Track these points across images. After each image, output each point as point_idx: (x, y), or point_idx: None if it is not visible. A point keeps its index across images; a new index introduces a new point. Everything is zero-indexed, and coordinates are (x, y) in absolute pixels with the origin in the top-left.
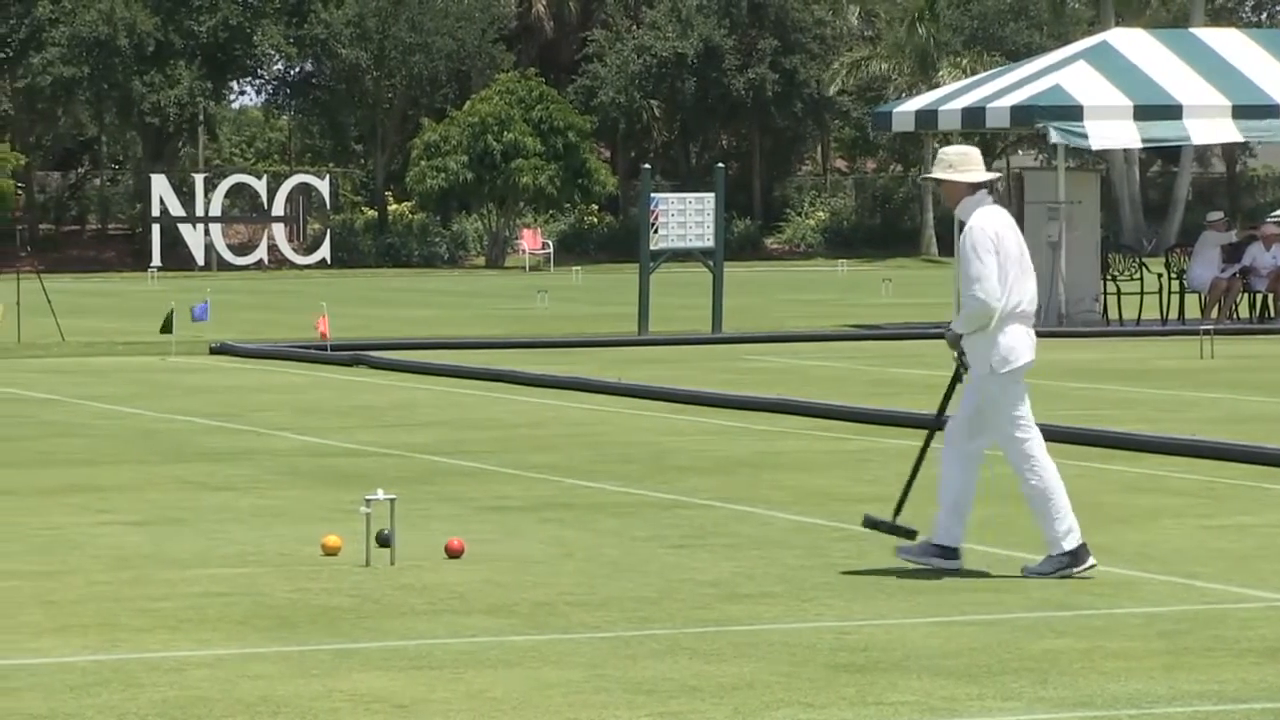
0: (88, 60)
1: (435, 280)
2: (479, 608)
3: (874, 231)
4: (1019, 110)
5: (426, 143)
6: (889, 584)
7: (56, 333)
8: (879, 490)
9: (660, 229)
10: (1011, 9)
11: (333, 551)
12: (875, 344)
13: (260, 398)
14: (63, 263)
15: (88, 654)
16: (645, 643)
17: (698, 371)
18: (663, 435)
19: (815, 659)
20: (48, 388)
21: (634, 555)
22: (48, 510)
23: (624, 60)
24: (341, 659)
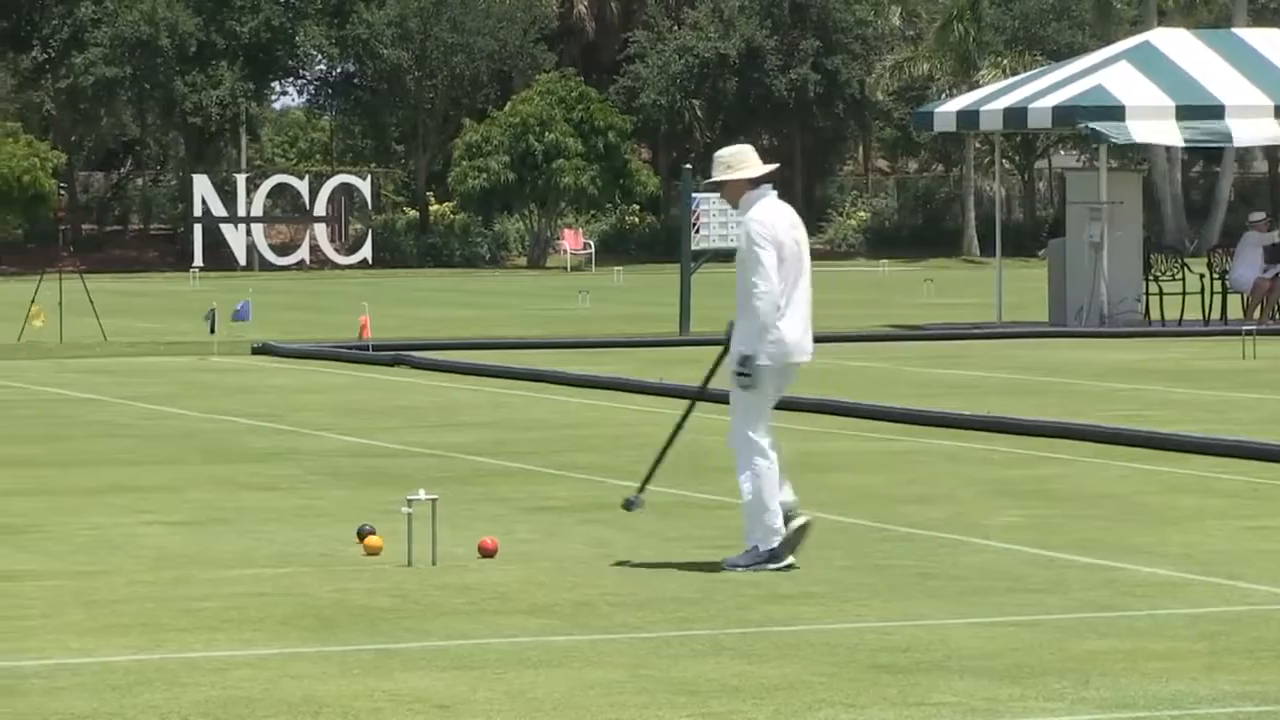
0: (130, 60)
1: (477, 280)
2: (521, 608)
3: (915, 232)
4: (1061, 110)
5: (468, 143)
6: (931, 584)
7: (99, 333)
8: (921, 490)
9: (702, 229)
10: (1053, 9)
11: (374, 551)
12: (917, 344)
13: (302, 398)
14: (105, 263)
15: (130, 654)
16: (687, 643)
17: None
18: (704, 435)
19: (857, 659)
20: (90, 388)
21: (676, 555)
22: (90, 510)
23: (665, 61)
24: (383, 659)
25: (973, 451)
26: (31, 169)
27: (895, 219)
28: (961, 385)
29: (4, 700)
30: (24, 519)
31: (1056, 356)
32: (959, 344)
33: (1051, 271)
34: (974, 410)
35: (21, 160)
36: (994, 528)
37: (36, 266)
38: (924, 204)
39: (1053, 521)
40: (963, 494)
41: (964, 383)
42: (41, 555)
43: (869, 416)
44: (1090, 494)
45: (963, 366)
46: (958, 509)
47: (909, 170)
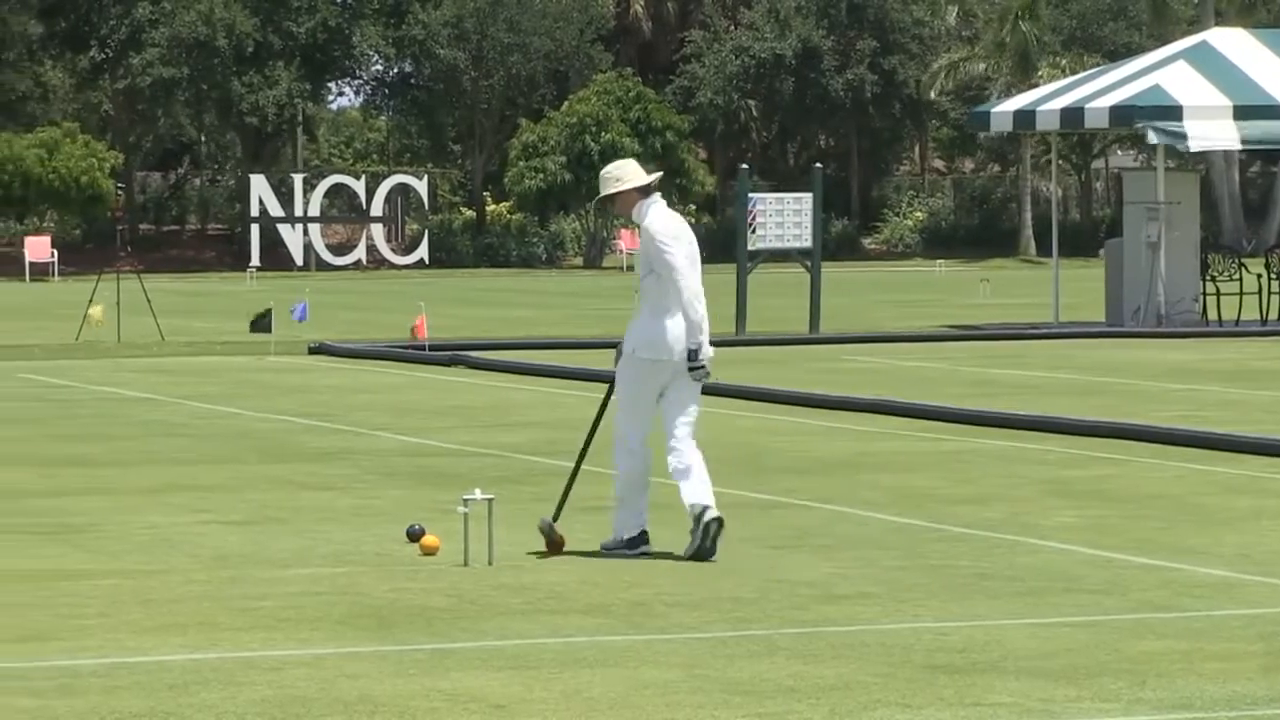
0: (187, 61)
1: (533, 280)
2: (576, 607)
3: (972, 232)
4: (1118, 110)
5: (524, 143)
6: (987, 585)
7: (156, 332)
8: (977, 490)
9: (758, 229)
10: (1110, 9)
11: (431, 551)
12: (973, 344)
13: (358, 398)
14: (163, 263)
15: (187, 653)
16: (742, 643)
17: (795, 372)
18: (760, 435)
19: (912, 660)
20: (147, 387)
21: (731, 555)
22: (147, 510)
23: (722, 61)
24: (439, 658)
25: (1028, 452)
26: (89, 169)
27: (951, 219)
28: (1018, 386)
29: (61, 699)
30: (82, 518)
31: (1113, 357)
32: (1015, 344)
33: (1109, 272)
34: (1031, 410)
35: (79, 160)
36: (1050, 528)
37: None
38: (980, 204)
39: (1109, 522)
40: (1018, 494)
41: (1020, 383)
42: (99, 554)
43: (924, 416)
44: (1146, 494)
45: (1019, 367)
46: (1013, 509)
47: (965, 170)
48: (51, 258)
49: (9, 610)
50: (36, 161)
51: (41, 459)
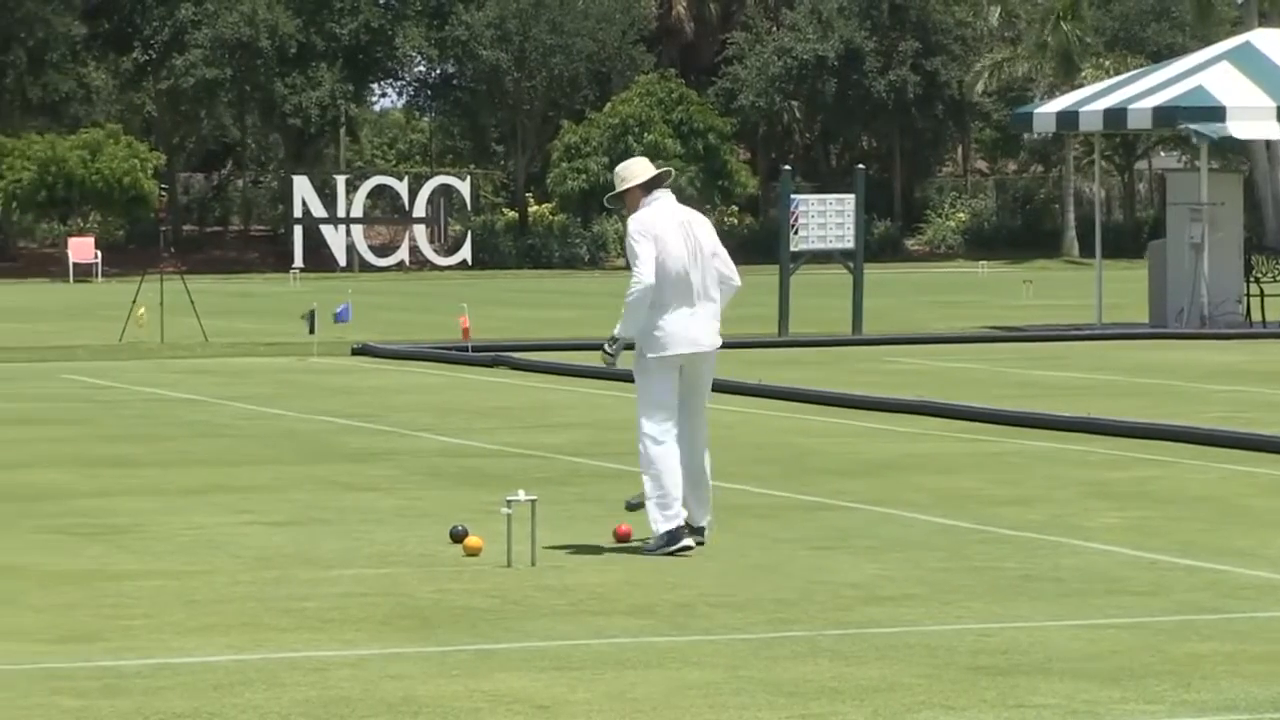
0: (230, 62)
1: (576, 281)
2: (620, 608)
3: (1015, 233)
4: (1161, 111)
5: (567, 144)
6: (1031, 586)
7: (199, 333)
8: (1020, 492)
9: (800, 230)
10: (1154, 10)
11: (474, 552)
12: (1016, 345)
13: (401, 398)
14: (206, 264)
15: (231, 653)
16: (786, 644)
17: (838, 373)
18: (803, 437)
19: (956, 661)
20: (190, 388)
21: (775, 557)
22: (191, 510)
23: (764, 62)
24: (482, 659)
25: (1071, 453)
26: (132, 170)
27: (994, 220)
28: (1061, 387)
29: (106, 699)
30: (126, 518)
31: (1156, 358)
32: (1058, 345)
33: (1152, 273)
34: (1073, 412)
35: (122, 162)
36: (1093, 529)
37: (138, 267)
38: (1023, 205)
39: (1152, 523)
40: (1061, 495)
41: (1063, 384)
42: (143, 555)
43: (967, 418)
44: (1190, 496)
45: (1062, 368)
46: (1057, 511)
47: (1008, 171)
48: (95, 259)
49: (54, 610)
50: (80, 163)
51: (86, 459)
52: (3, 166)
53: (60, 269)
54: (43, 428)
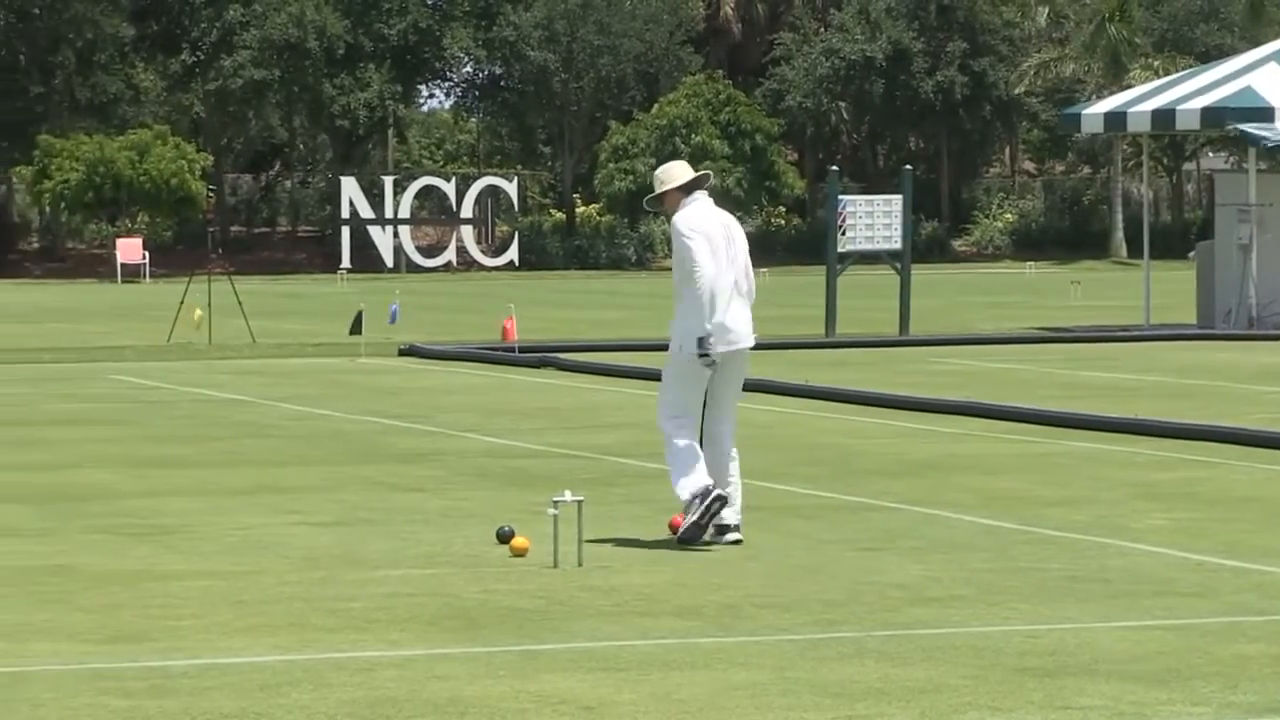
0: (278, 63)
1: (623, 282)
2: (666, 609)
3: (1062, 233)
4: (1209, 112)
5: (614, 145)
6: (1078, 587)
7: (247, 334)
8: (1066, 493)
9: (848, 231)
10: (1202, 10)
11: (520, 553)
12: (1063, 346)
13: (448, 399)
14: (253, 264)
15: (278, 654)
16: (832, 645)
17: (885, 374)
18: (850, 438)
19: (1003, 662)
20: (238, 389)
21: (821, 558)
22: (238, 511)
23: (812, 63)
24: (528, 660)
25: (1117, 454)
26: (179, 171)
27: (1042, 221)
28: (1108, 388)
29: (153, 699)
30: (174, 519)
31: (1204, 359)
32: (1106, 346)
33: (1200, 274)
34: (1120, 413)
35: (170, 163)
36: (1140, 530)
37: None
38: (1071, 206)
39: (1200, 524)
40: (1108, 497)
41: (1110, 385)
42: (191, 555)
43: (1014, 419)
44: (1237, 497)
45: (1110, 369)
46: (1103, 512)
47: (1056, 172)
48: (143, 259)
49: (102, 611)
50: (128, 164)
51: (134, 460)
52: (51, 167)
53: (108, 270)
54: (91, 428)
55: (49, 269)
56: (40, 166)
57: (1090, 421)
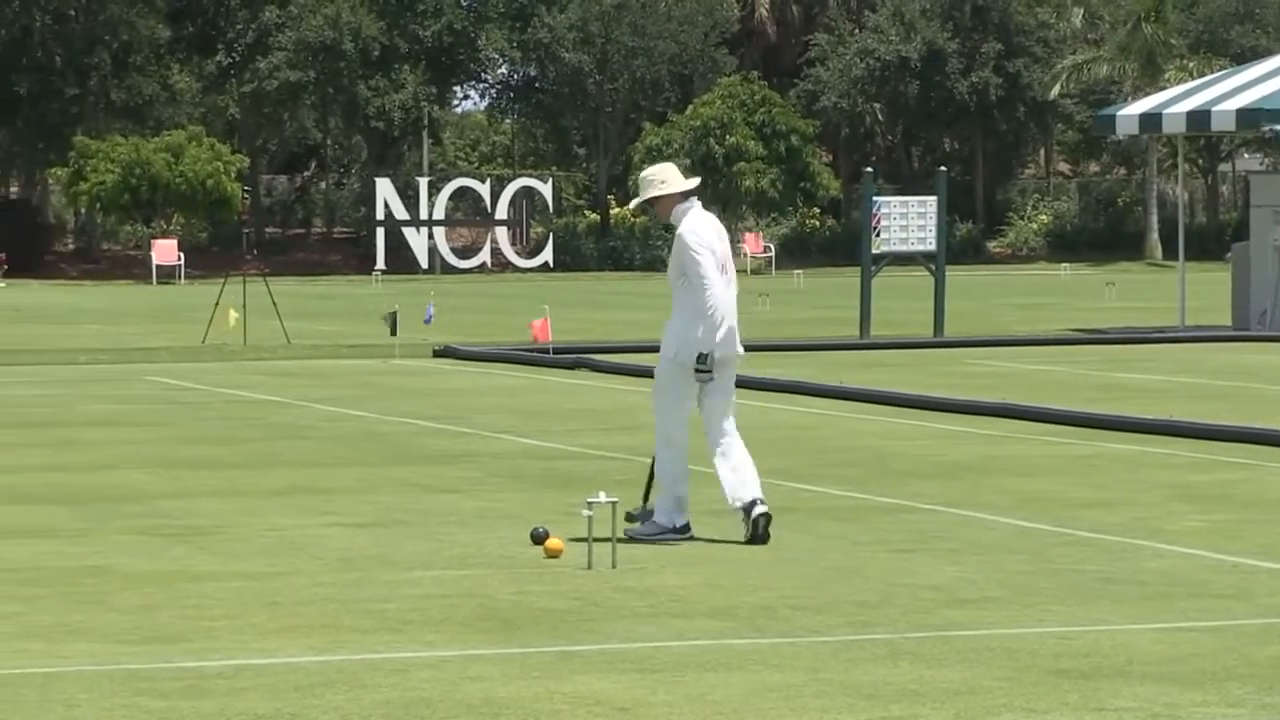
0: (313, 65)
1: (657, 284)
2: (700, 610)
3: (1098, 235)
4: (1245, 113)
5: (648, 146)
6: (1113, 589)
7: (282, 335)
8: (1102, 495)
9: (882, 232)
10: (1238, 12)
11: (555, 554)
12: (1099, 348)
13: (483, 400)
14: (288, 266)
15: (312, 655)
16: (866, 647)
17: (919, 375)
18: (884, 439)
19: (1037, 664)
20: (272, 390)
21: (855, 559)
22: (272, 512)
23: (847, 64)
24: (563, 661)
25: (1153, 456)
26: (215, 173)
27: (1077, 222)
28: (1143, 389)
29: (188, 700)
30: (209, 520)
31: (1239, 360)
32: (1141, 348)
33: (1235, 275)
34: (1155, 414)
35: (205, 164)
36: (1176, 533)
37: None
38: (1106, 207)
39: (1235, 526)
40: (1144, 499)
41: (1145, 387)
42: (225, 556)
43: (1048, 420)
44: (1273, 498)
45: (1145, 371)
46: (1139, 513)
47: (1091, 173)
48: (178, 261)
49: (136, 612)
50: (163, 165)
51: (169, 461)
52: (87, 169)
53: (143, 271)
54: (126, 429)
55: (84, 270)
56: (76, 168)
57: (1126, 423)
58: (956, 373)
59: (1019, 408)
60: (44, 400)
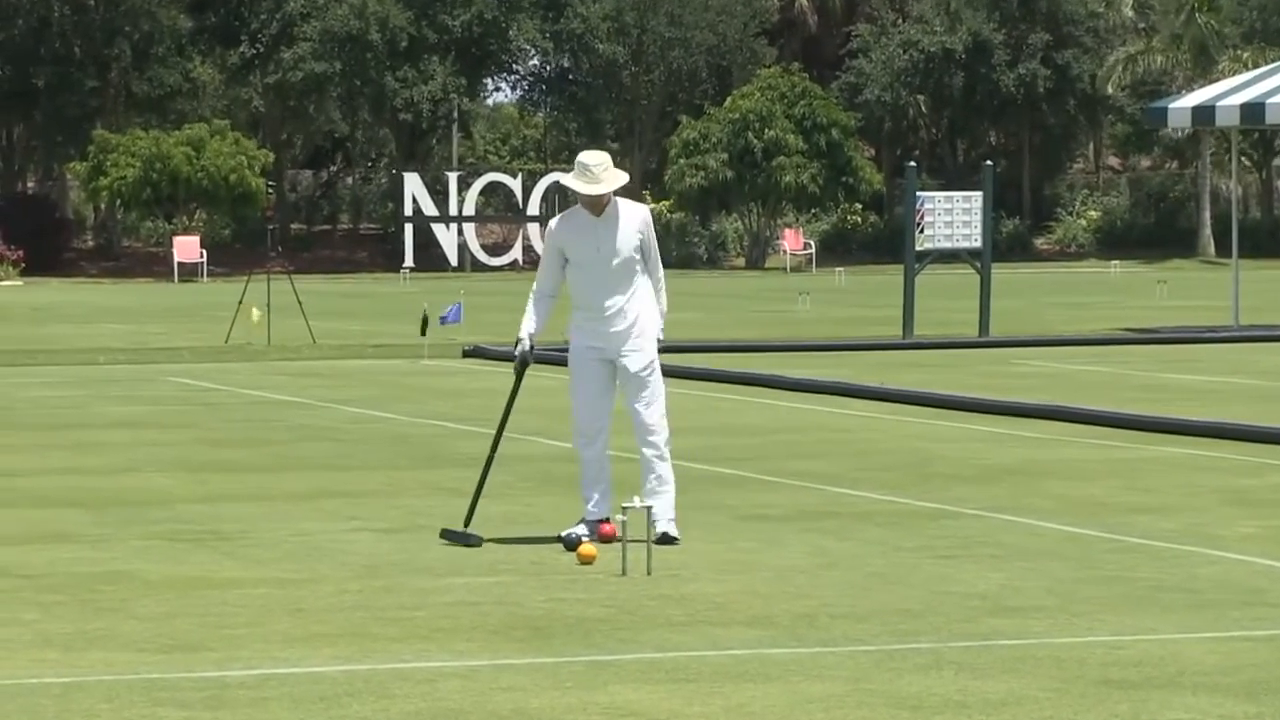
0: (339, 56)
1: (693, 282)
2: (738, 619)
3: (1148, 231)
4: None
5: (685, 140)
6: (1164, 597)
7: (307, 334)
8: (1153, 499)
9: (926, 229)
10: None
11: (588, 560)
12: (1149, 348)
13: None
14: (314, 263)
15: (338, 664)
16: (909, 656)
17: (964, 376)
18: (928, 442)
19: (1086, 675)
20: (297, 391)
21: (898, 566)
22: (297, 516)
23: (889, 55)
24: (596, 671)
25: (1205, 459)
26: (239, 167)
27: (1127, 218)
28: (1195, 391)
29: (210, 711)
30: (231, 524)
31: None
32: (1193, 348)
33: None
34: (1209, 417)
35: (228, 159)
36: (1229, 539)
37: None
38: (1157, 203)
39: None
40: (1196, 503)
41: (1197, 388)
42: (248, 562)
43: (1097, 423)
44: None
45: (1196, 371)
46: (1191, 519)
47: (1142, 168)
48: (200, 258)
49: (157, 619)
50: (185, 160)
51: (191, 464)
52: (107, 164)
53: (165, 268)
54: (147, 431)
55: (104, 268)
56: (95, 163)
57: (1177, 426)
58: (1002, 373)
59: (1066, 410)
60: (63, 402)
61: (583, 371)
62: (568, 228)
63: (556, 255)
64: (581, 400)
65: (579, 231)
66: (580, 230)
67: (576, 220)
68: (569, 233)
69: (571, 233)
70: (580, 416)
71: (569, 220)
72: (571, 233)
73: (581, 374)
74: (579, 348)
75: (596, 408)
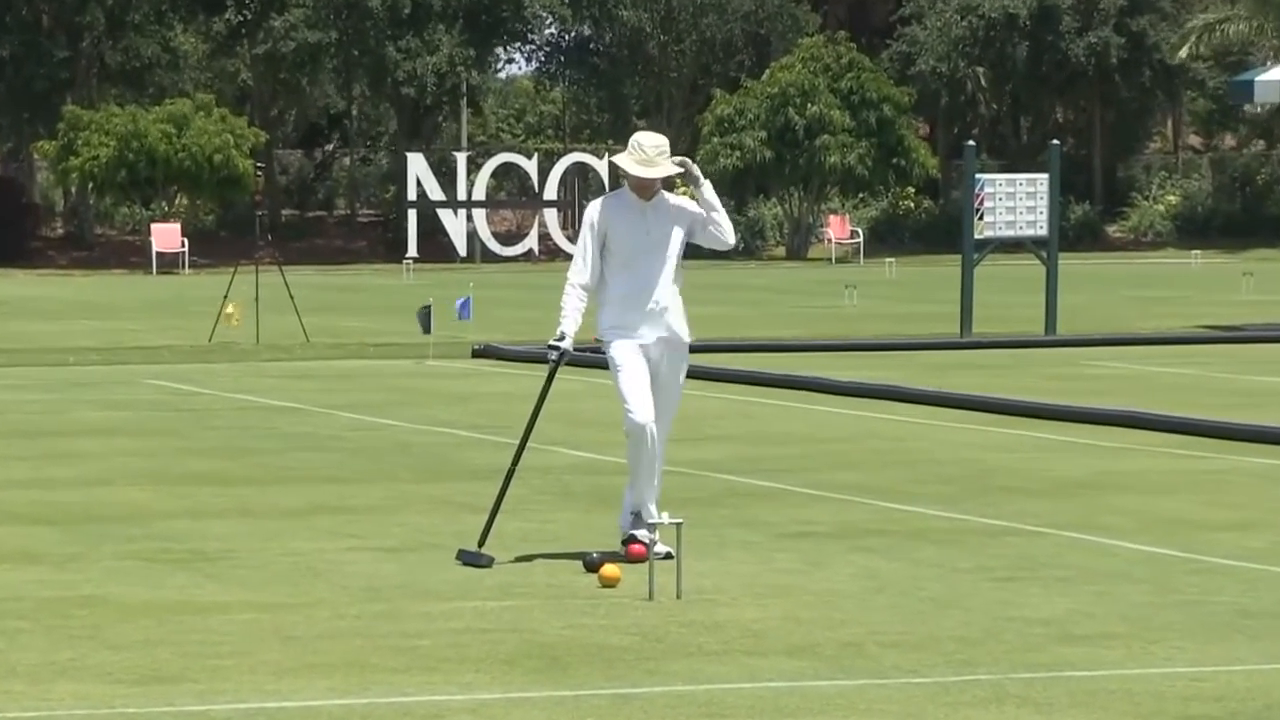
0: (336, 24)
1: (728, 273)
2: (777, 648)
3: (1233, 218)
4: None
5: (719, 117)
6: (1249, 624)
7: (300, 332)
8: (1238, 516)
9: (986, 215)
10: None
11: (611, 583)
12: (1234, 348)
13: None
14: (307, 253)
15: (335, 697)
16: (968, 689)
17: (1028, 379)
18: (988, 452)
19: (1164, 709)
20: (289, 395)
21: (955, 589)
22: (290, 534)
23: (946, 22)
24: (619, 705)
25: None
26: (224, 147)
27: (1209, 203)
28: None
29: None
30: (216, 544)
31: None
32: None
33: None
34: None
35: (214, 138)
36: None
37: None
38: (1243, 186)
39: None
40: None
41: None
42: (235, 585)
43: (1176, 430)
44: None
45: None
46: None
47: (1226, 147)
48: (181, 248)
49: (133, 648)
50: (164, 138)
51: (171, 476)
52: (78, 142)
53: (142, 259)
54: (123, 439)
55: (75, 258)
56: (65, 141)
57: (1267, 434)
58: (1070, 375)
59: (1142, 416)
60: (30, 406)
61: (631, 360)
62: (614, 210)
63: (597, 242)
64: (631, 382)
65: (627, 215)
66: (628, 214)
67: (622, 202)
68: (615, 216)
69: (618, 217)
70: (633, 397)
71: (614, 202)
72: (618, 217)
73: (629, 362)
74: (621, 345)
75: (649, 393)
